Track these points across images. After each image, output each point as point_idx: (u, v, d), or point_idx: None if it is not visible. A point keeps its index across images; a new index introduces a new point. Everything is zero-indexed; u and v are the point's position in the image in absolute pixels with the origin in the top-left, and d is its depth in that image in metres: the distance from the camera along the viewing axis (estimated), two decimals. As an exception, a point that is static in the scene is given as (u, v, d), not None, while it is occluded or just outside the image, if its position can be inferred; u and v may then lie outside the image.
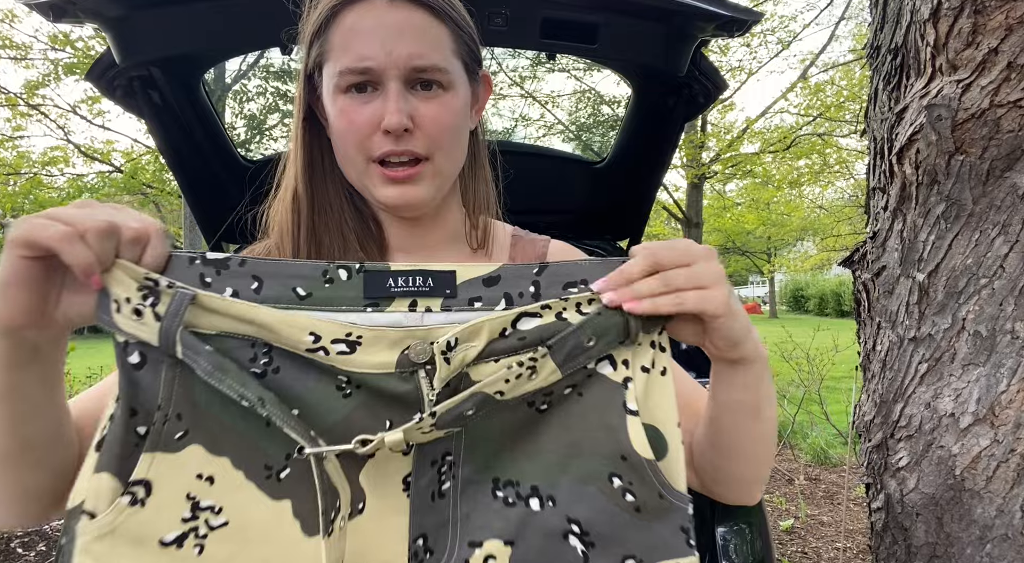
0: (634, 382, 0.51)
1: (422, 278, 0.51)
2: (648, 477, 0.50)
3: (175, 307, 0.47)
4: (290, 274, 0.50)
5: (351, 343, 0.49)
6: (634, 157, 1.96)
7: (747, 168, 9.95)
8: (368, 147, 0.64)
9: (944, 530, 1.07)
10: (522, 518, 0.50)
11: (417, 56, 0.63)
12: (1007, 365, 1.02)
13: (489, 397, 0.50)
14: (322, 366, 0.49)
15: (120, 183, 7.86)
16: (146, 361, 0.48)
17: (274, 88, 2.62)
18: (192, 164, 1.77)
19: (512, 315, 0.50)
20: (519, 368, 0.49)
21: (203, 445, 0.48)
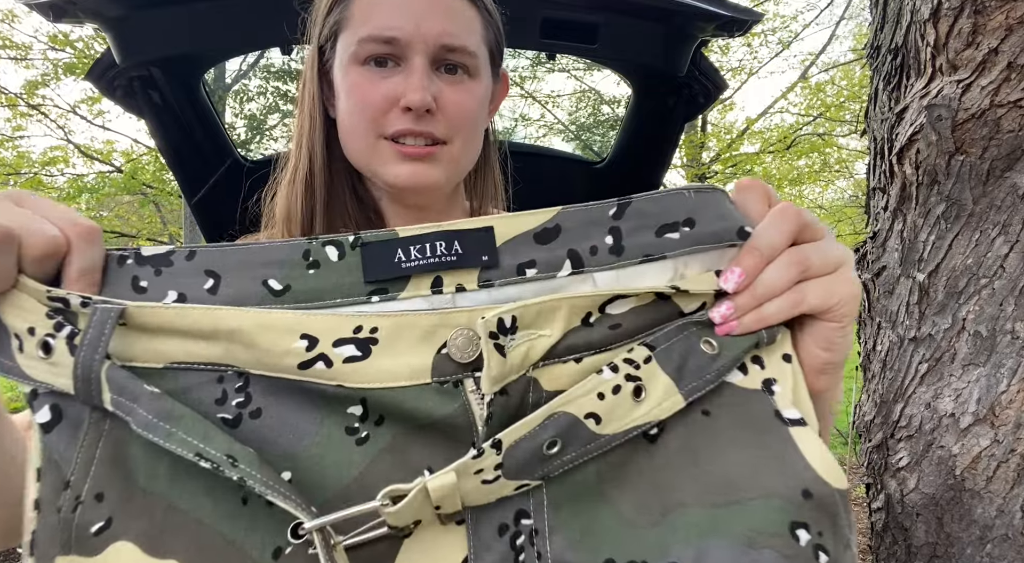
0: (781, 382, 0.36)
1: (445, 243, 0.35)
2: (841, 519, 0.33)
3: (95, 332, 0.32)
4: (258, 261, 0.35)
5: (363, 342, 0.34)
6: (634, 157, 1.96)
7: (747, 168, 9.94)
8: (382, 123, 0.59)
9: (944, 530, 1.07)
10: None
11: (448, 34, 0.58)
12: (1007, 365, 1.02)
13: (578, 422, 0.33)
14: (324, 393, 0.34)
15: (120, 183, 7.86)
16: (61, 417, 0.33)
17: (274, 88, 2.62)
18: (192, 164, 1.77)
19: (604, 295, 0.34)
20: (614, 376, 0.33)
21: (136, 542, 0.32)
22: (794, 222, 0.37)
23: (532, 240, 0.36)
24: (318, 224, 0.63)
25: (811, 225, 0.38)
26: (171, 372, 0.34)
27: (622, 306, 0.35)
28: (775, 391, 0.36)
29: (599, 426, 0.33)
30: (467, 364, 0.34)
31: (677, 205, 0.37)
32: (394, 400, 0.33)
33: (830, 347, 0.38)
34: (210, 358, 0.34)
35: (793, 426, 0.35)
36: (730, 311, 0.36)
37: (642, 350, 0.34)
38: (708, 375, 0.35)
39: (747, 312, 0.36)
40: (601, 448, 0.33)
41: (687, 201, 0.37)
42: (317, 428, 0.34)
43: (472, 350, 0.34)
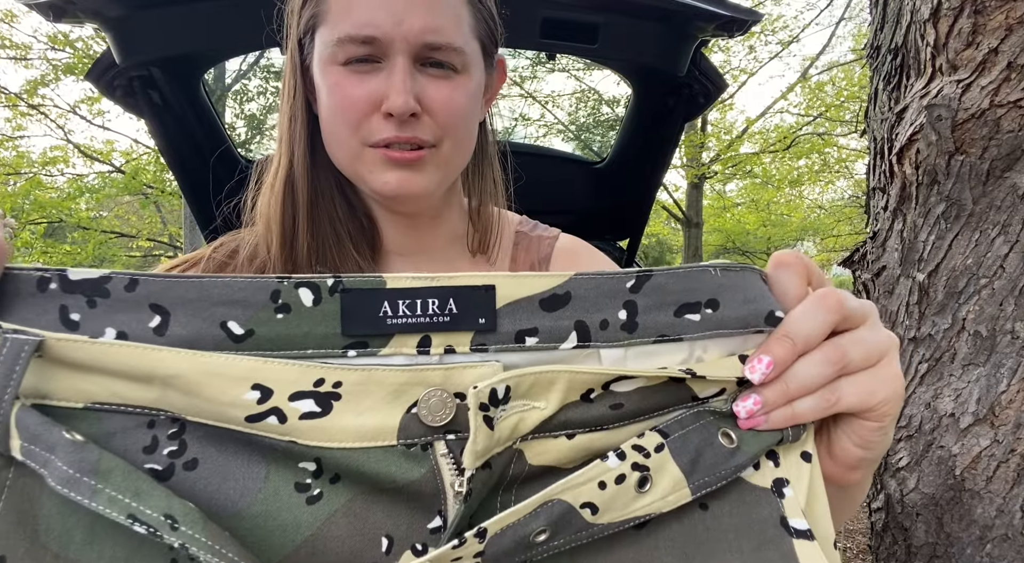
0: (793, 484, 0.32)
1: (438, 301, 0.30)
2: None
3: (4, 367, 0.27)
4: (219, 299, 0.30)
5: (324, 396, 0.30)
6: (634, 157, 1.97)
7: (747, 168, 9.95)
8: (366, 130, 0.55)
9: (944, 530, 1.07)
10: None
11: (431, 30, 0.54)
12: (1007, 365, 1.02)
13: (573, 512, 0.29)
14: (273, 447, 0.30)
15: (120, 183, 7.86)
16: None
17: (274, 88, 2.62)
18: (192, 164, 1.77)
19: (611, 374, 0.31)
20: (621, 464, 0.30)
21: None
22: (835, 312, 0.32)
23: (537, 305, 0.32)
24: (300, 228, 0.59)
25: (853, 314, 0.33)
26: (93, 413, 0.29)
27: (629, 385, 0.31)
28: (786, 494, 0.32)
29: (594, 516, 0.30)
30: (438, 427, 0.31)
31: (701, 283, 0.32)
32: (354, 462, 0.30)
33: (867, 446, 0.34)
34: (140, 401, 0.29)
35: (798, 539, 0.31)
36: (757, 406, 0.32)
37: (654, 437, 0.31)
38: (722, 471, 0.31)
39: (776, 409, 0.32)
40: (591, 536, 0.30)
41: (713, 279, 0.33)
42: (262, 484, 0.30)
43: (446, 413, 0.30)
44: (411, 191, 0.57)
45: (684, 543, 0.31)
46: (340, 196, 0.62)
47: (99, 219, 10.24)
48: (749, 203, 14.41)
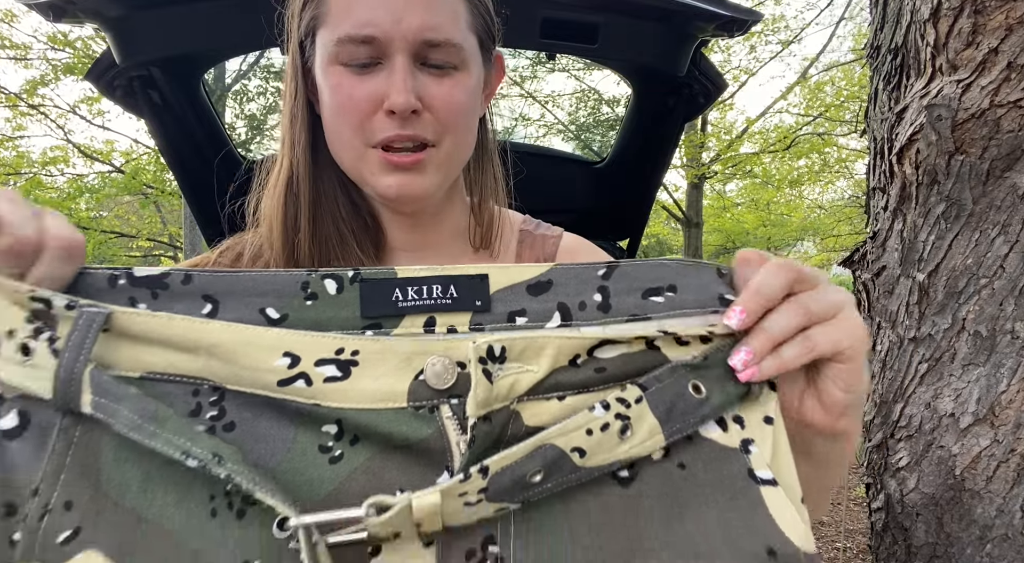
0: (758, 442, 0.36)
1: (441, 287, 0.36)
2: None
3: (79, 335, 0.32)
4: (258, 291, 0.36)
5: (344, 363, 0.34)
6: (634, 157, 1.97)
7: (747, 168, 9.95)
8: (368, 130, 0.55)
9: (944, 530, 1.07)
10: None
11: (430, 28, 0.54)
12: (1007, 365, 1.02)
13: (564, 456, 0.33)
14: (299, 411, 0.34)
15: (120, 183, 7.86)
16: (27, 424, 0.32)
17: (274, 88, 2.62)
18: (192, 164, 1.77)
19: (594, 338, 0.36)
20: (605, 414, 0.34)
21: (104, 552, 0.31)
22: (790, 272, 0.38)
23: (525, 291, 0.38)
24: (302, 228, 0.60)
25: (807, 276, 0.38)
26: (148, 382, 0.34)
27: (611, 351, 0.36)
28: (751, 451, 0.36)
29: (583, 459, 0.34)
30: (443, 391, 0.35)
31: (662, 273, 0.39)
32: (371, 421, 0.34)
33: (848, 388, 0.39)
34: (188, 371, 0.34)
35: (764, 486, 0.35)
36: (749, 356, 0.37)
37: (634, 390, 0.36)
38: (692, 419, 0.36)
39: (765, 357, 0.37)
40: (580, 479, 0.34)
41: (671, 270, 0.39)
42: (290, 445, 0.34)
43: (449, 377, 0.35)
44: (412, 194, 0.58)
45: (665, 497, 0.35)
46: (344, 195, 0.63)
47: (99, 219, 10.23)
48: (749, 203, 14.41)
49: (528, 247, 0.69)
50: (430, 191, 0.59)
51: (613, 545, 0.34)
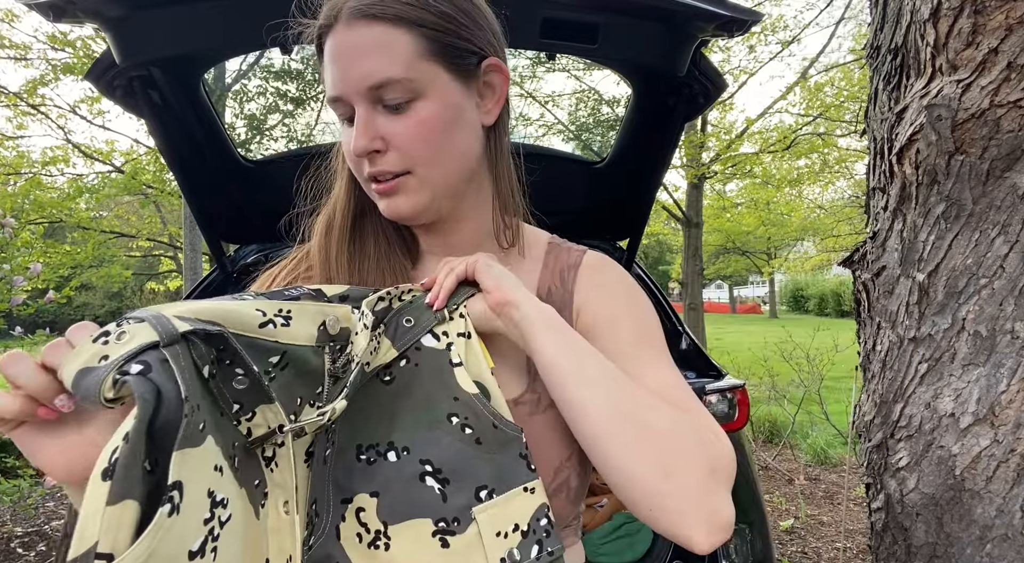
0: (455, 345, 0.62)
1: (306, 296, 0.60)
2: (480, 410, 0.58)
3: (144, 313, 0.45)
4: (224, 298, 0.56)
5: (286, 317, 0.55)
6: (634, 157, 1.97)
7: (747, 168, 9.95)
8: (359, 168, 0.67)
9: (944, 530, 1.07)
10: (383, 471, 0.56)
11: (367, 76, 0.61)
12: (1007, 365, 1.02)
13: (363, 368, 0.57)
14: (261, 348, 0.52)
15: (120, 183, 7.85)
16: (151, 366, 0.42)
17: (274, 88, 2.62)
18: (192, 164, 1.77)
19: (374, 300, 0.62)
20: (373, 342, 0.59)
21: (212, 435, 0.45)
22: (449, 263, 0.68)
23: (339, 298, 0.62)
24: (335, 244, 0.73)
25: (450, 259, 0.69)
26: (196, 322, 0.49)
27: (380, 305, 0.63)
28: (451, 349, 0.61)
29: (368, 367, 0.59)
30: (333, 336, 0.57)
31: None
32: (298, 354, 0.55)
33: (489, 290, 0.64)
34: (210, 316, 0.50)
35: (455, 367, 0.60)
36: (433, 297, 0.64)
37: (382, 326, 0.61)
38: (408, 337, 0.62)
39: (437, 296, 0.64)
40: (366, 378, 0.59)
41: None
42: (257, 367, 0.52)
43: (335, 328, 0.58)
44: (399, 213, 0.68)
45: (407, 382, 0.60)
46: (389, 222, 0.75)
47: (99, 219, 10.21)
48: (749, 203, 14.40)
49: (554, 257, 0.78)
50: (419, 207, 0.68)
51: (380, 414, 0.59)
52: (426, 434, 0.57)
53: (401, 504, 0.55)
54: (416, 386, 0.60)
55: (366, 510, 0.55)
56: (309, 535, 0.54)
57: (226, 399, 0.49)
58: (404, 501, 0.55)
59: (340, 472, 0.56)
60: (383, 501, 0.55)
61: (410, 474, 0.55)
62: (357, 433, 0.58)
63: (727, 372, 2.14)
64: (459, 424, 0.58)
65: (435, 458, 0.56)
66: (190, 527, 0.41)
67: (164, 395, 0.42)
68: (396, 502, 0.55)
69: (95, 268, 9.01)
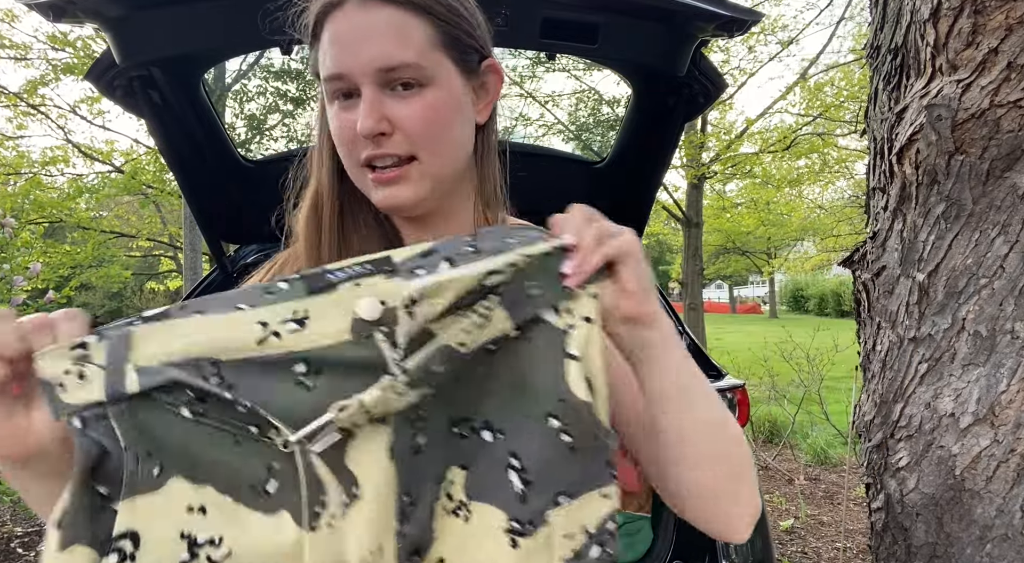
0: (576, 330, 0.54)
1: (358, 265, 0.50)
2: (585, 419, 0.52)
3: (112, 349, 0.45)
4: (232, 298, 0.49)
5: (300, 319, 0.48)
6: (634, 157, 1.96)
7: (747, 168, 9.95)
8: (356, 152, 0.64)
9: (944, 530, 1.07)
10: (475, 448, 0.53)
11: (383, 57, 0.61)
12: (1007, 365, 1.02)
13: (453, 349, 0.50)
14: (277, 362, 0.47)
15: (120, 183, 7.86)
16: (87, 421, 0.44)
17: (274, 88, 2.62)
18: (192, 164, 1.77)
19: (481, 273, 0.50)
20: (475, 317, 0.51)
21: (183, 476, 0.45)
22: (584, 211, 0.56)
23: (418, 256, 0.52)
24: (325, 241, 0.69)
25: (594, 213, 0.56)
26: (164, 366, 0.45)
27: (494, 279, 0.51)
28: (570, 334, 0.53)
29: (463, 348, 0.51)
30: (374, 322, 0.48)
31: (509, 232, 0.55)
32: (328, 355, 0.48)
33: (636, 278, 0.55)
34: (190, 354, 0.46)
35: (569, 359, 0.52)
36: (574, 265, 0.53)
37: (494, 297, 0.51)
38: (528, 309, 0.53)
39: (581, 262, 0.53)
40: (463, 359, 0.51)
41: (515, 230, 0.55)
42: (275, 388, 0.47)
43: (375, 311, 0.48)
44: (398, 203, 0.66)
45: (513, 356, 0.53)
46: (366, 207, 0.72)
47: (99, 219, 10.22)
48: (749, 203, 14.40)
49: None
50: (417, 198, 0.66)
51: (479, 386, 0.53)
52: (521, 422, 0.53)
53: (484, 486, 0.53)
54: (524, 365, 0.53)
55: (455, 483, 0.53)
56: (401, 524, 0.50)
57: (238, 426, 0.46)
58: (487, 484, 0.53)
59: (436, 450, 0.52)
60: (471, 476, 0.53)
61: (498, 459, 0.53)
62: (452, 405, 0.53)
63: (727, 372, 2.14)
64: (558, 428, 0.52)
65: (523, 455, 0.52)
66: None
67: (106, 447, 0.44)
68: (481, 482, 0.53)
69: (95, 268, 9.01)
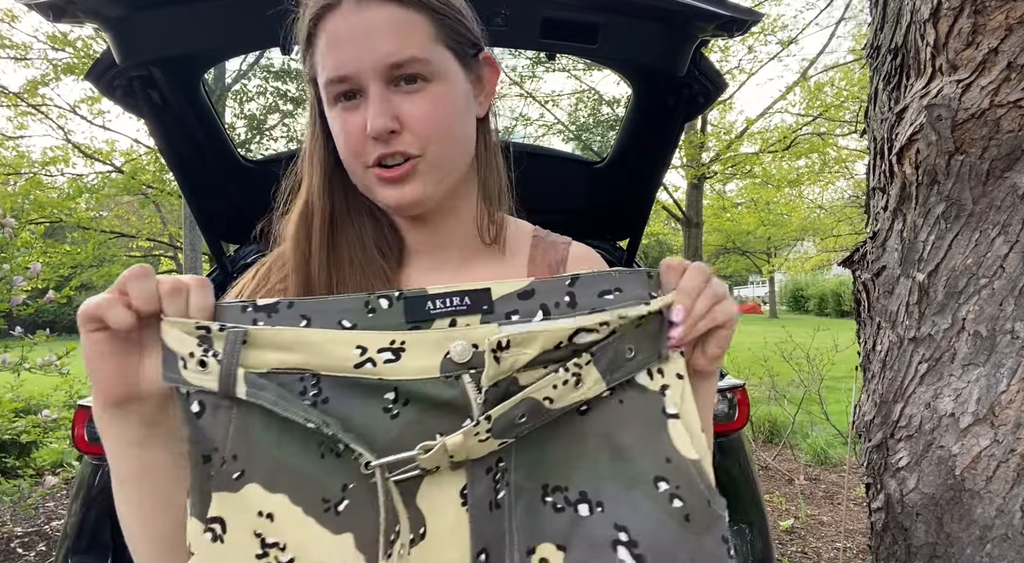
0: (671, 389, 0.53)
1: (459, 298, 0.52)
2: (695, 479, 0.51)
3: (230, 348, 0.49)
4: (336, 309, 0.51)
5: (396, 350, 0.50)
6: (634, 157, 1.96)
7: (747, 168, 9.95)
8: (363, 154, 0.64)
9: (944, 530, 1.07)
10: (571, 524, 0.50)
11: (389, 53, 0.61)
12: (1007, 365, 1.02)
13: (539, 403, 0.50)
14: (368, 386, 0.50)
15: (120, 183, 7.85)
16: (205, 409, 0.49)
17: (274, 88, 2.62)
18: (192, 164, 1.77)
19: (571, 329, 0.51)
20: (565, 374, 0.50)
21: (260, 483, 0.49)
22: (704, 273, 0.56)
23: (516, 297, 0.53)
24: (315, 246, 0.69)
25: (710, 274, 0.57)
26: (271, 375, 0.50)
27: (585, 338, 0.51)
28: (666, 394, 0.53)
29: (551, 404, 0.51)
30: (463, 364, 0.50)
31: (610, 279, 0.54)
32: (416, 388, 0.50)
33: (723, 345, 0.58)
34: (294, 364, 0.50)
35: (670, 419, 0.53)
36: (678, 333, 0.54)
37: (587, 356, 0.51)
38: (625, 370, 0.52)
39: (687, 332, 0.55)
40: (551, 417, 0.51)
41: (616, 277, 0.54)
42: (364, 409, 0.50)
43: (467, 355, 0.50)
44: (407, 201, 0.65)
45: (607, 420, 0.52)
46: (366, 210, 0.72)
47: (99, 219, 10.21)
48: (749, 203, 14.40)
49: (542, 251, 0.77)
50: (425, 195, 0.66)
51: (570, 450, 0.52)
52: (624, 493, 0.50)
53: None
54: (619, 429, 0.52)
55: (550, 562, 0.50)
56: None
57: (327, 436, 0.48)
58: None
59: (523, 516, 0.51)
60: (570, 559, 0.50)
61: (602, 538, 0.49)
62: (540, 469, 0.52)
63: (727, 372, 2.14)
64: (668, 493, 0.50)
65: (633, 528, 0.49)
66: (238, 558, 0.48)
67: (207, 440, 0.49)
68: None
69: (95, 268, 9.02)
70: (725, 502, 0.52)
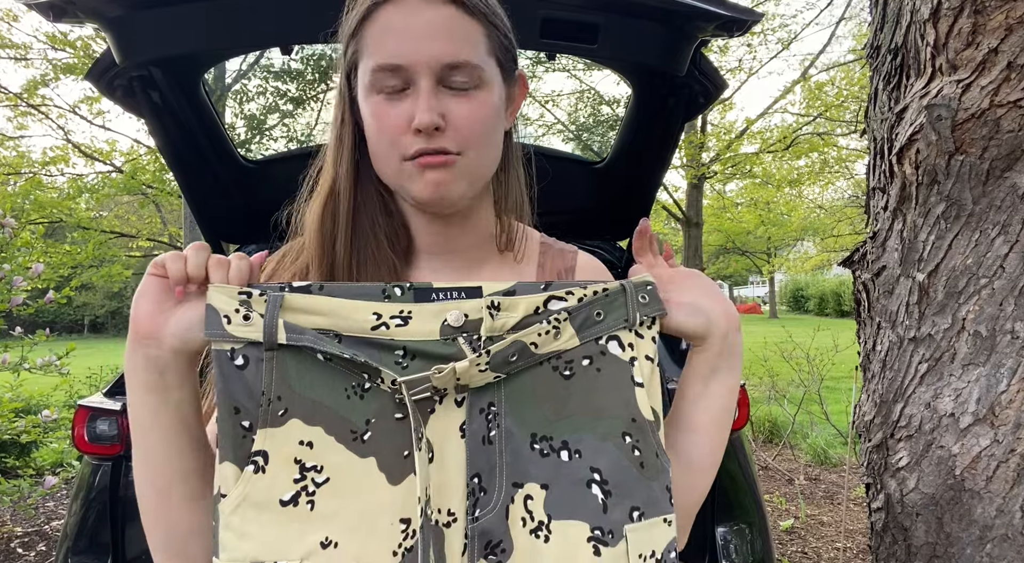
0: (639, 363, 0.64)
1: (456, 292, 0.62)
2: (650, 437, 0.62)
3: (271, 306, 0.59)
4: (357, 293, 0.61)
5: (405, 317, 0.60)
6: (634, 157, 1.97)
7: (747, 168, 9.94)
8: (402, 146, 0.65)
9: (944, 530, 1.07)
10: (555, 467, 0.61)
11: (449, 54, 0.63)
12: (1007, 365, 1.02)
13: (526, 347, 0.61)
14: (382, 344, 0.60)
15: (120, 183, 7.85)
16: (248, 361, 0.58)
17: (274, 88, 2.62)
18: (192, 164, 1.77)
19: (545, 296, 0.63)
20: (547, 326, 0.62)
21: (300, 419, 0.58)
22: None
23: (502, 294, 0.63)
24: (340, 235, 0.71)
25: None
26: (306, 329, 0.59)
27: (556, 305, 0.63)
28: (634, 366, 0.64)
29: (536, 349, 0.62)
30: (458, 328, 0.61)
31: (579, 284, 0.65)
32: (420, 347, 0.60)
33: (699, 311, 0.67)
34: (323, 325, 0.59)
35: (637, 387, 0.63)
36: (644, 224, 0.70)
37: (564, 315, 0.63)
38: (594, 329, 0.64)
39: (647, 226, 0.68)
40: (536, 360, 0.62)
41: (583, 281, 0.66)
42: (379, 361, 0.59)
43: (460, 320, 0.61)
44: (444, 193, 0.67)
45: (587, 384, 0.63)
46: (381, 205, 0.73)
47: (99, 219, 10.21)
48: (749, 203, 14.39)
49: (551, 258, 0.80)
50: (459, 191, 0.67)
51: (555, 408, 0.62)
52: (598, 443, 0.61)
53: (567, 503, 0.59)
54: (596, 392, 0.63)
55: (534, 499, 0.60)
56: (473, 506, 0.59)
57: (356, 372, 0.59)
58: (570, 501, 0.59)
59: (511, 456, 0.60)
60: (551, 495, 0.60)
61: (579, 477, 0.60)
62: (529, 420, 0.62)
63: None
64: (631, 445, 0.62)
65: (604, 469, 0.60)
66: (278, 483, 0.57)
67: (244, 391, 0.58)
68: (563, 500, 0.60)
69: (95, 268, 9.00)
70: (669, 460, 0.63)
